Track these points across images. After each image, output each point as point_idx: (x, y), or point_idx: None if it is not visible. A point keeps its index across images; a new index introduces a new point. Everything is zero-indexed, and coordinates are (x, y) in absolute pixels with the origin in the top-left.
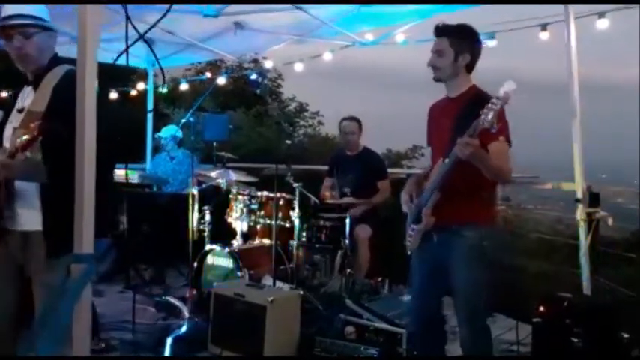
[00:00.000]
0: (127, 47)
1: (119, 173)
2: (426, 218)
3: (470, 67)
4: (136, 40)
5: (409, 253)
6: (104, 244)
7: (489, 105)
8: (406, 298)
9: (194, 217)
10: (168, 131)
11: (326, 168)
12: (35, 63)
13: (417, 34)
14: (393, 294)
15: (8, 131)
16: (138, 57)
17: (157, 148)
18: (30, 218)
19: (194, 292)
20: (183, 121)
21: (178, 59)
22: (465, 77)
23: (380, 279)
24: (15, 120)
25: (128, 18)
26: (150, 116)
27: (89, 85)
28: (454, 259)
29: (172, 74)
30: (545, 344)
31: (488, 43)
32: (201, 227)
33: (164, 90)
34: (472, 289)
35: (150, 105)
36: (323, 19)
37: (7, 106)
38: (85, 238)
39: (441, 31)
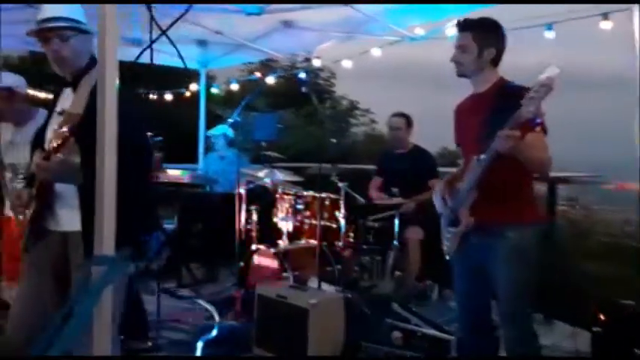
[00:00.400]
0: (151, 43)
1: (171, 173)
2: (465, 219)
3: (496, 61)
4: (158, 37)
5: (447, 257)
6: (158, 241)
7: (531, 94)
8: (454, 303)
9: (242, 216)
10: (219, 130)
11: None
12: (72, 65)
13: None
14: (443, 299)
15: (49, 133)
16: (189, 59)
17: (209, 148)
18: (69, 219)
19: (241, 292)
20: (230, 120)
21: (230, 60)
22: (491, 71)
23: (429, 283)
24: (55, 122)
25: (152, 18)
26: (202, 117)
27: (109, 86)
28: (496, 262)
29: (227, 75)
30: (605, 356)
31: (546, 35)
32: (249, 227)
33: (216, 91)
34: (516, 293)
35: (202, 106)
36: (371, 14)
37: (49, 107)
38: (106, 240)
39: (464, 25)
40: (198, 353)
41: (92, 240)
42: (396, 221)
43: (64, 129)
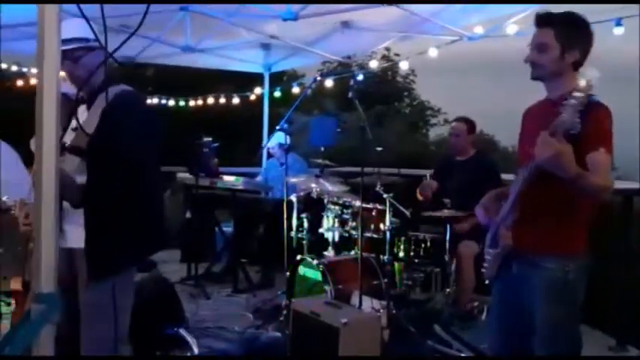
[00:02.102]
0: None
1: (226, 179)
2: (503, 241)
3: (577, 65)
4: (128, 37)
5: (486, 282)
6: (219, 244)
7: (568, 101)
8: None
9: (292, 224)
10: (275, 139)
11: None
12: (88, 84)
13: (532, 22)
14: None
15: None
16: (255, 62)
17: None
18: (76, 235)
19: (287, 302)
20: (277, 128)
21: (290, 63)
22: (570, 76)
23: (477, 304)
24: (69, 138)
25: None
26: (265, 120)
27: (48, 91)
28: (532, 295)
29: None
30: None
31: (615, 31)
32: (300, 235)
33: (278, 94)
34: (555, 331)
35: (265, 109)
36: (427, 13)
37: (64, 122)
38: (44, 275)
39: (545, 20)
40: None
41: (94, 260)
42: (447, 234)
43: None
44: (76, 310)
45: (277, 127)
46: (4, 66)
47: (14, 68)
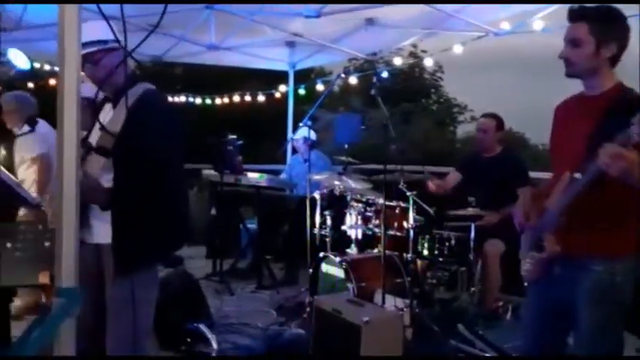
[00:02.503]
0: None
1: (250, 176)
2: (550, 246)
3: (614, 61)
4: (140, 44)
5: (525, 284)
6: (243, 241)
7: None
8: None
9: (315, 221)
10: (300, 133)
11: None
12: (111, 84)
13: (559, 18)
14: (517, 321)
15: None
16: (280, 60)
17: (295, 149)
18: (102, 231)
19: (310, 299)
20: (301, 124)
21: (315, 60)
22: (608, 73)
23: (502, 304)
24: (95, 136)
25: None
26: (290, 117)
27: (68, 90)
28: (578, 298)
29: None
30: None
31: None
32: (323, 232)
33: (303, 92)
34: (598, 335)
35: (290, 107)
36: (452, 9)
37: (92, 120)
38: (66, 271)
39: (578, 14)
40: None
41: (121, 256)
42: (472, 233)
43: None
44: (104, 305)
45: (300, 124)
46: (36, 65)
47: (47, 67)
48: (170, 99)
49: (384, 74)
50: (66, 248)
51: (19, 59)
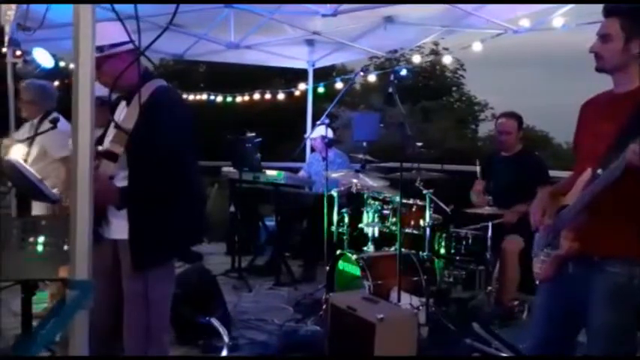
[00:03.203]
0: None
1: (269, 173)
2: (567, 243)
3: None
4: (147, 47)
5: (537, 282)
6: (262, 238)
7: None
8: None
9: (333, 219)
10: (318, 131)
11: None
12: (119, 86)
13: (579, 15)
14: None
15: (106, 145)
16: (300, 58)
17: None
18: (120, 227)
19: (326, 297)
20: (318, 123)
21: (334, 58)
22: (637, 70)
23: (517, 302)
24: (111, 134)
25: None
26: (309, 115)
27: (83, 89)
28: (592, 298)
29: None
30: None
31: None
32: (340, 230)
33: (322, 90)
34: (611, 338)
35: (309, 104)
36: (471, 7)
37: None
38: (79, 263)
39: (610, 10)
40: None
41: (136, 250)
42: (489, 231)
43: (100, 148)
44: (122, 300)
45: (318, 122)
46: (62, 64)
47: (72, 66)
48: (192, 97)
49: (403, 72)
50: (79, 242)
51: (43, 58)
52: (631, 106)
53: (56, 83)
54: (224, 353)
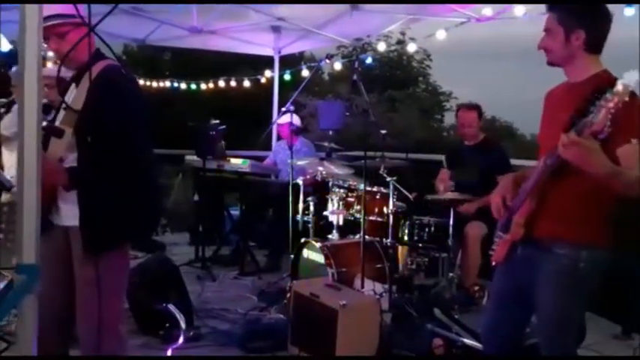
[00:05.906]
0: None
1: (233, 161)
2: (515, 227)
3: (592, 47)
4: (90, 30)
5: (493, 264)
6: (226, 227)
7: (601, 102)
8: None
9: (299, 207)
10: (285, 119)
11: None
12: (75, 61)
13: (539, 6)
14: None
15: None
16: (265, 45)
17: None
18: (71, 213)
19: (290, 285)
20: (283, 109)
21: (301, 45)
22: (587, 60)
23: (477, 288)
24: (61, 117)
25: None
26: (275, 103)
27: (29, 73)
28: (540, 279)
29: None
30: None
31: (626, 12)
32: (305, 218)
33: (288, 77)
34: (558, 320)
35: (275, 92)
36: None
37: (57, 102)
38: (26, 247)
39: (549, 5)
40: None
41: (88, 234)
42: (451, 219)
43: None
44: (74, 286)
45: (283, 109)
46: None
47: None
48: (155, 84)
49: (369, 60)
50: (27, 226)
51: None
52: (583, 94)
53: (14, 69)
54: (181, 340)
